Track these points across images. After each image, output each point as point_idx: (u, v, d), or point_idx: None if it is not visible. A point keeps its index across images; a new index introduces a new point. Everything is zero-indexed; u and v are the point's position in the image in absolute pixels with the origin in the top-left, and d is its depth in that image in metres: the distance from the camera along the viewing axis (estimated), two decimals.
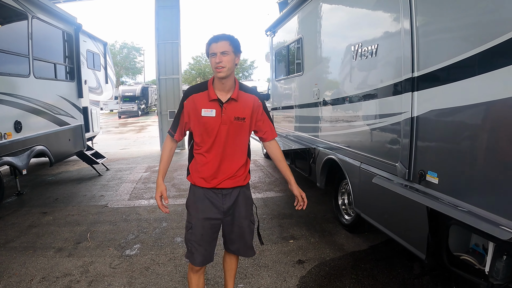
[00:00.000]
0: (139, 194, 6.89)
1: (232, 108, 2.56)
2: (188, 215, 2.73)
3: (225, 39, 2.44)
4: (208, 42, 2.48)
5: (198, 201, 2.67)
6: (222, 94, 2.54)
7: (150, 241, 4.67)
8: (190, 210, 2.71)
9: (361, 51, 3.99)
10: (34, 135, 6.07)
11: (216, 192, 2.65)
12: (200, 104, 2.53)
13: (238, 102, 2.57)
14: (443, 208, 2.67)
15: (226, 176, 2.63)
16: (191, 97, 2.56)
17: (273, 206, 6.00)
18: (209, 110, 2.52)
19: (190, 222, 2.68)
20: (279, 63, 8.26)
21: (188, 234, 2.69)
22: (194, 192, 2.71)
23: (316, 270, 3.87)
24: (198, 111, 2.53)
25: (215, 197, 2.65)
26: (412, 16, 3.07)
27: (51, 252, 4.38)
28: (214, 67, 2.44)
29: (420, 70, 3.00)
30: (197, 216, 2.65)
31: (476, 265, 2.77)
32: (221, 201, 2.66)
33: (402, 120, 3.23)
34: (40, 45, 6.39)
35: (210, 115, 2.52)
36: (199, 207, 2.66)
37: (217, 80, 2.52)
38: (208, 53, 2.49)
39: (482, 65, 2.42)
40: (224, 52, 2.42)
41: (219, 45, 2.43)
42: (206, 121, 2.52)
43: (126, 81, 54.90)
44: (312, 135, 5.86)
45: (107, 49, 11.96)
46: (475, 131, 2.55)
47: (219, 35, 2.47)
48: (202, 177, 2.63)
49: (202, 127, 2.54)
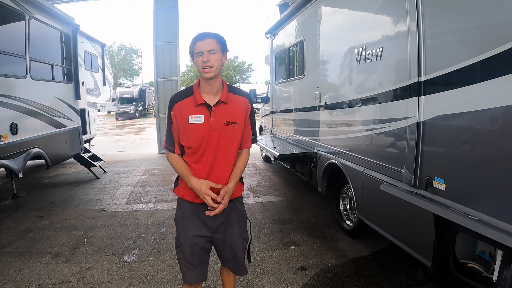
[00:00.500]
0: (137, 198, 6.80)
1: (222, 112, 2.35)
2: (176, 231, 2.52)
3: (211, 37, 2.27)
4: (192, 41, 2.29)
5: (186, 218, 2.47)
6: (209, 97, 2.35)
7: (148, 246, 4.58)
8: (178, 227, 2.51)
9: (365, 54, 3.93)
10: (31, 137, 5.97)
11: (206, 208, 2.37)
12: (186, 111, 2.32)
13: (228, 105, 2.37)
14: (454, 216, 2.59)
15: (216, 189, 2.37)
16: (176, 105, 2.36)
17: (273, 211, 5.92)
18: (197, 116, 2.31)
19: (178, 240, 2.49)
20: (279, 66, 8.19)
21: (178, 253, 2.50)
22: (181, 207, 2.50)
23: (318, 277, 3.79)
24: (184, 118, 2.32)
25: (204, 214, 2.39)
26: (419, 19, 3.00)
27: (47, 258, 4.29)
28: (200, 67, 2.26)
29: (428, 74, 2.94)
30: (185, 234, 2.45)
31: (483, 273, 2.72)
32: (211, 218, 2.43)
33: (408, 125, 3.16)
34: (38, 46, 6.30)
35: (198, 122, 2.31)
36: (187, 224, 2.45)
37: (204, 81, 2.34)
38: (193, 53, 2.29)
39: (492, 70, 2.36)
40: (212, 51, 2.24)
41: (206, 43, 2.25)
42: (194, 129, 2.31)
43: (124, 83, 54.75)
44: (313, 139, 5.79)
45: (105, 50, 11.88)
46: (484, 137, 2.50)
47: (205, 33, 2.29)
48: (190, 191, 2.41)
49: (190, 136, 2.33)
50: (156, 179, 8.42)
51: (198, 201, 2.39)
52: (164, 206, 6.26)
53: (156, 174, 8.99)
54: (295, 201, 6.47)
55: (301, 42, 6.25)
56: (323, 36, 5.37)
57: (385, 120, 3.62)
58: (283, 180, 8.07)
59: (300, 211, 5.90)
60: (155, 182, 8.07)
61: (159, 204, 6.36)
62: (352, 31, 4.40)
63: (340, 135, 4.73)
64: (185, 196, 2.46)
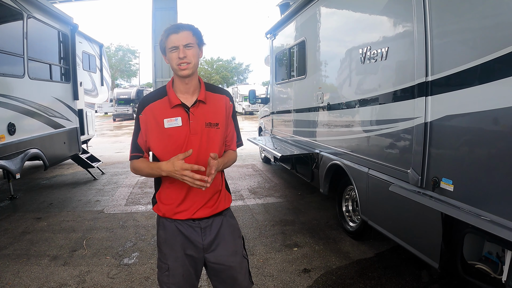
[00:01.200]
0: (136, 200, 6.73)
1: (201, 113, 2.07)
2: (161, 254, 2.16)
3: (187, 29, 1.99)
4: (164, 34, 2.00)
5: (171, 238, 2.13)
6: (186, 97, 2.07)
7: (149, 249, 4.51)
8: (163, 249, 2.15)
9: (369, 54, 3.87)
10: (28, 137, 5.89)
11: (193, 225, 2.11)
12: (160, 114, 2.03)
13: (207, 105, 2.10)
14: (467, 217, 2.54)
15: (202, 202, 2.10)
16: (147, 108, 2.05)
17: (274, 212, 5.86)
18: (173, 119, 2.02)
19: (165, 263, 2.12)
20: (280, 66, 8.14)
21: (164, 277, 2.12)
22: (164, 226, 2.16)
23: (322, 280, 3.74)
24: (159, 123, 2.02)
25: (192, 232, 2.12)
26: (426, 17, 2.96)
27: (45, 260, 4.21)
28: (175, 64, 1.97)
29: (435, 74, 2.89)
30: (174, 255, 2.11)
31: (492, 274, 2.68)
32: (200, 235, 2.12)
33: (415, 125, 3.11)
34: (36, 45, 6.22)
35: (175, 125, 2.02)
36: (173, 244, 2.12)
37: (179, 80, 2.05)
38: (166, 48, 2.01)
39: (501, 70, 2.32)
40: (188, 45, 1.96)
41: (181, 36, 1.96)
42: (171, 134, 2.02)
43: (121, 84, 54.76)
44: (315, 140, 5.74)
45: (103, 51, 11.79)
46: (494, 137, 2.45)
47: (179, 25, 2.00)
48: (172, 205, 2.11)
49: (166, 142, 2.04)
50: None
51: (182, 217, 2.10)
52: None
53: None
54: (296, 202, 6.41)
55: (302, 42, 6.20)
56: (326, 36, 5.33)
57: (390, 121, 3.57)
58: (283, 181, 8.02)
59: (302, 212, 5.84)
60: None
61: None
62: (356, 31, 4.35)
63: (344, 135, 4.67)
64: (167, 214, 2.13)
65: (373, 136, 3.92)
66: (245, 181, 8.11)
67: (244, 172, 9.08)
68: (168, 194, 2.13)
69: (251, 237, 4.83)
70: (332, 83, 5.11)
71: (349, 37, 4.52)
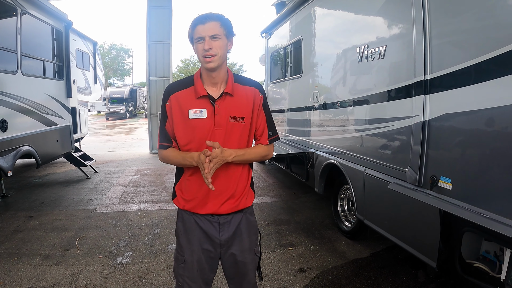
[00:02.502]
0: (129, 198, 6.66)
1: (227, 106, 2.01)
2: (179, 245, 2.16)
3: (214, 19, 1.93)
4: (192, 24, 1.94)
5: (190, 231, 2.12)
6: (213, 89, 2.03)
7: (142, 248, 4.45)
8: (181, 241, 2.15)
9: (367, 53, 3.85)
10: (21, 135, 5.81)
11: (211, 220, 2.09)
12: (185, 103, 2.00)
13: (234, 97, 2.03)
14: (469, 215, 2.52)
15: (223, 198, 2.07)
16: (173, 96, 2.02)
17: (269, 212, 5.83)
18: (199, 111, 1.98)
19: (182, 256, 2.12)
20: (275, 65, 8.11)
21: (180, 269, 2.13)
22: (183, 218, 2.15)
23: (319, 279, 3.71)
24: (184, 113, 1.99)
25: (210, 226, 2.09)
26: (425, 15, 2.94)
27: (37, 260, 4.14)
28: (201, 55, 1.93)
29: (434, 73, 2.88)
30: (191, 248, 2.10)
31: (490, 273, 2.67)
32: (217, 231, 2.10)
33: (413, 123, 3.09)
34: (29, 42, 6.14)
35: (200, 117, 1.98)
36: (190, 238, 2.11)
37: (206, 72, 2.01)
38: (193, 39, 1.96)
39: (500, 68, 2.30)
40: (215, 36, 1.91)
41: (208, 27, 1.90)
42: (196, 125, 1.98)
43: (114, 83, 54.46)
44: (310, 139, 5.71)
45: (97, 48, 11.72)
46: (493, 135, 2.44)
47: (207, 15, 1.94)
48: (193, 199, 2.09)
49: (190, 133, 2.00)
50: (148, 179, 8.28)
51: (201, 211, 2.08)
52: (157, 206, 6.13)
53: (148, 174, 8.84)
54: (290, 202, 6.38)
55: (298, 41, 6.17)
56: (322, 35, 5.30)
57: (387, 119, 3.55)
58: (277, 181, 7.99)
59: (296, 212, 5.81)
60: (147, 182, 7.93)
61: (152, 205, 6.23)
62: (353, 30, 4.32)
63: (340, 134, 4.65)
64: (186, 206, 2.11)
65: (370, 135, 3.90)
66: None
67: None
68: (189, 187, 2.10)
69: None
70: (329, 82, 5.08)
71: (346, 36, 4.50)
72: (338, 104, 4.69)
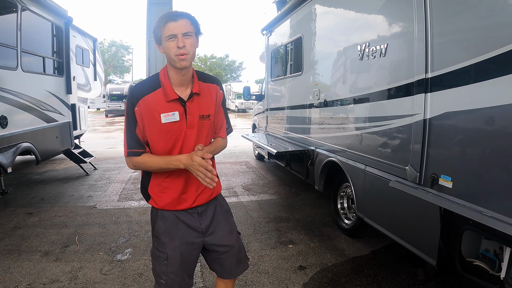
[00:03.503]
0: (128, 195, 6.66)
1: (196, 106, 2.02)
2: (159, 244, 2.14)
3: (185, 17, 1.88)
4: (161, 21, 1.87)
5: (171, 227, 2.13)
6: (181, 90, 2.00)
7: (142, 245, 4.45)
8: (162, 239, 2.13)
9: (368, 50, 3.84)
10: (20, 131, 5.80)
11: (191, 212, 2.15)
12: (156, 108, 1.94)
13: (200, 97, 2.05)
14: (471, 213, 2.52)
15: (199, 190, 2.14)
16: (142, 100, 1.93)
17: (268, 209, 5.83)
18: (171, 114, 1.95)
19: (163, 252, 2.11)
20: (276, 63, 8.09)
21: (162, 266, 2.11)
22: (163, 217, 2.14)
23: (318, 277, 3.71)
24: (156, 117, 1.94)
25: (191, 218, 2.15)
26: (427, 13, 2.93)
27: (37, 256, 4.14)
28: (174, 54, 1.86)
29: (435, 71, 2.87)
30: (173, 244, 2.11)
31: (490, 271, 2.68)
32: (198, 220, 2.17)
33: (414, 122, 3.09)
34: (29, 38, 6.12)
35: (172, 120, 1.96)
36: (173, 234, 2.13)
37: (175, 72, 1.96)
38: (161, 36, 1.89)
39: (501, 67, 2.30)
40: (187, 34, 1.86)
41: (179, 24, 1.85)
42: (170, 129, 1.97)
43: (114, 80, 54.43)
44: (311, 137, 5.71)
45: (97, 45, 11.66)
46: (494, 133, 2.44)
47: (176, 12, 1.88)
48: (172, 198, 2.10)
49: (164, 137, 1.99)
50: None
51: (182, 207, 2.12)
52: None
53: None
54: (290, 199, 6.38)
55: (299, 38, 6.15)
56: (324, 33, 5.29)
57: (388, 117, 3.54)
58: (277, 178, 7.99)
59: (296, 209, 5.81)
60: None
61: None
62: (354, 28, 4.31)
63: (340, 132, 4.64)
64: (166, 207, 2.12)
65: (371, 133, 3.90)
66: (239, 178, 8.07)
67: (237, 169, 9.04)
68: (167, 187, 2.12)
69: (246, 233, 4.79)
70: (329, 80, 5.07)
71: (348, 34, 4.48)
72: (338, 102, 4.68)
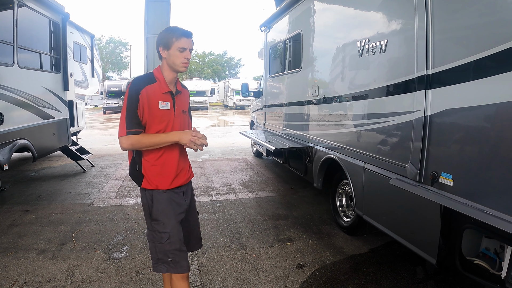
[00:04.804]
0: (126, 192, 6.62)
1: (179, 101, 2.54)
2: (159, 225, 2.44)
3: (192, 36, 2.45)
4: (177, 33, 2.39)
5: (166, 207, 2.47)
6: (171, 86, 2.49)
7: (139, 242, 4.42)
8: (161, 219, 2.44)
9: (368, 47, 3.81)
10: (17, 128, 5.75)
11: (177, 191, 2.54)
12: (154, 96, 2.38)
13: (181, 95, 2.57)
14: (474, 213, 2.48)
15: (184, 172, 2.59)
16: (144, 89, 2.34)
17: (266, 206, 5.80)
18: (165, 103, 2.41)
19: (165, 232, 2.43)
20: (274, 59, 8.05)
21: (166, 245, 2.43)
22: (158, 198, 2.46)
23: (317, 275, 3.68)
24: (154, 104, 2.37)
25: (179, 196, 2.54)
26: (428, 10, 2.90)
27: (33, 254, 4.10)
28: (180, 62, 2.40)
29: (436, 67, 2.85)
30: (171, 222, 2.46)
31: (491, 270, 2.65)
32: (183, 198, 2.58)
33: (414, 119, 3.06)
34: (26, 34, 6.06)
35: (166, 108, 2.42)
36: (169, 213, 2.47)
37: (172, 73, 2.46)
38: (171, 45, 2.39)
39: (503, 64, 2.28)
40: (192, 49, 2.45)
41: (191, 41, 2.43)
42: (163, 114, 2.41)
43: (112, 77, 54.18)
44: (309, 134, 5.68)
45: (94, 42, 11.57)
46: (496, 131, 2.42)
47: (189, 31, 2.43)
48: (168, 178, 2.47)
49: (158, 121, 2.40)
50: None
51: (174, 185, 2.50)
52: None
53: None
54: (288, 196, 6.35)
55: (298, 34, 6.11)
56: (322, 29, 5.25)
57: (388, 114, 3.51)
58: (275, 176, 7.96)
59: (294, 207, 5.78)
60: None
61: None
62: (354, 24, 4.27)
63: (340, 129, 4.61)
64: (160, 186, 2.46)
65: (370, 130, 3.86)
66: (237, 175, 8.04)
67: (235, 166, 9.00)
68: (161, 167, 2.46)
69: (244, 231, 4.76)
70: (328, 76, 5.03)
71: (347, 30, 4.45)
72: (338, 99, 4.65)
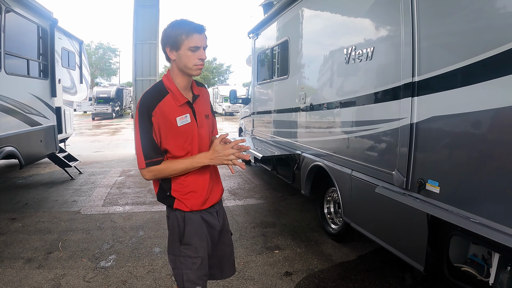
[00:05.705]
0: (113, 200, 6.57)
1: (200, 106, 2.14)
2: (191, 250, 2.10)
3: (205, 30, 1.99)
4: (186, 30, 1.92)
5: (199, 229, 2.13)
6: (186, 93, 2.09)
7: (126, 251, 4.38)
8: (194, 243, 2.10)
9: (354, 54, 3.84)
10: (3, 135, 5.67)
11: (211, 211, 2.20)
12: (170, 113, 1.99)
13: (200, 98, 2.17)
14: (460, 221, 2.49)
15: (217, 187, 2.24)
16: (157, 108, 1.97)
17: (254, 214, 5.78)
18: (184, 117, 2.02)
19: (197, 257, 2.10)
20: (262, 66, 8.07)
21: (197, 271, 2.10)
22: (190, 220, 2.11)
23: (305, 283, 3.68)
24: (171, 122, 1.99)
25: (212, 217, 2.20)
26: (414, 17, 2.93)
27: (19, 263, 4.04)
28: (193, 63, 1.96)
29: (422, 75, 2.87)
30: (203, 245, 2.13)
31: (478, 277, 2.67)
32: (217, 219, 2.23)
33: (400, 126, 3.08)
34: (13, 40, 6.00)
35: (186, 122, 2.02)
36: (201, 236, 2.13)
37: (184, 78, 2.04)
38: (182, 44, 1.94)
39: (489, 71, 2.31)
40: (206, 47, 1.99)
41: (204, 37, 1.96)
42: (185, 130, 2.02)
43: (101, 83, 53.98)
44: (297, 141, 5.69)
45: (83, 47, 11.53)
46: (481, 138, 2.44)
47: (201, 25, 1.96)
48: (201, 197, 2.12)
49: (181, 139, 2.03)
50: (133, 180, 8.18)
51: (206, 205, 2.16)
52: (142, 208, 6.05)
53: (133, 175, 8.72)
54: (276, 204, 6.35)
55: (285, 41, 6.14)
56: (310, 36, 5.28)
57: (374, 122, 3.53)
58: (263, 183, 7.95)
59: (283, 214, 5.78)
60: (132, 184, 7.83)
61: (136, 207, 6.15)
62: (341, 31, 4.31)
63: (327, 137, 4.62)
64: (195, 207, 2.11)
65: (357, 137, 3.88)
66: (225, 182, 8.01)
67: (223, 173, 8.97)
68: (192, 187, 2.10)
69: None
70: (316, 83, 5.05)
71: (334, 37, 4.48)
72: (325, 106, 4.67)
